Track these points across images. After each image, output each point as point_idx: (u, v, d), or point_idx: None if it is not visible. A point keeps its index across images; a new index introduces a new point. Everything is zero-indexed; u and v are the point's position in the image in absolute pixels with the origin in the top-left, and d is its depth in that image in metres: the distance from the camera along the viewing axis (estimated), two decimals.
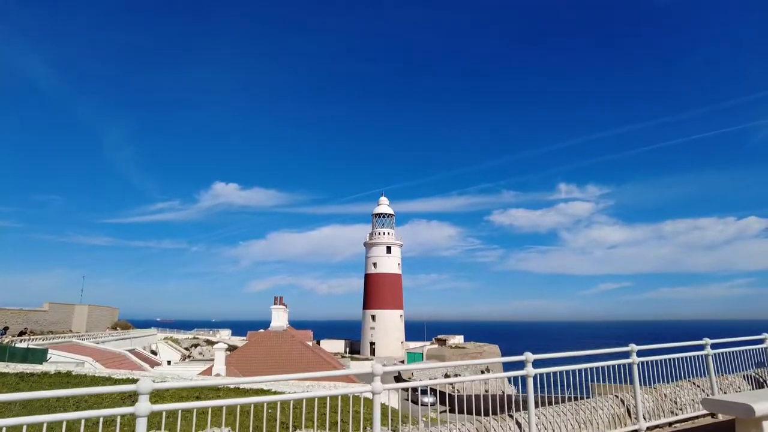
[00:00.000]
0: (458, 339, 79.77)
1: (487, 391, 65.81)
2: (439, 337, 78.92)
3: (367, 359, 69.71)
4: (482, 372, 65.98)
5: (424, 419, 31.40)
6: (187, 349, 65.84)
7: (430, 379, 55.28)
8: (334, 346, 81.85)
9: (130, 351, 39.79)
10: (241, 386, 19.97)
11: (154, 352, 56.01)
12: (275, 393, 19.43)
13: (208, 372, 27.50)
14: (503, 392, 61.69)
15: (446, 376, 61.39)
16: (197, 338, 72.20)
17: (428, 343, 76.81)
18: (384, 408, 18.68)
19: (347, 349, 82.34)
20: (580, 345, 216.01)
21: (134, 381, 4.97)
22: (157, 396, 16.27)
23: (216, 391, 18.09)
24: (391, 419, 18.13)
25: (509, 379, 71.84)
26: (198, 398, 16.34)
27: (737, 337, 10.66)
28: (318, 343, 76.32)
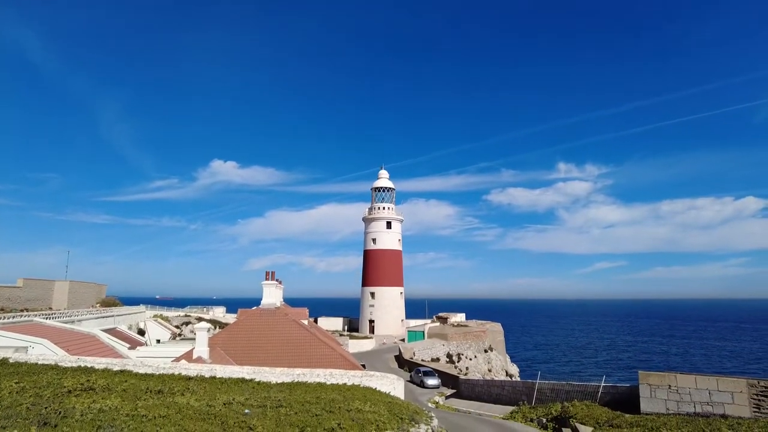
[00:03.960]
0: (460, 317, 77.37)
1: (490, 370, 63.65)
2: (440, 315, 76.50)
3: (366, 337, 67.24)
4: (485, 351, 63.60)
5: (432, 404, 28.11)
6: (177, 327, 63.13)
7: (431, 359, 52.45)
8: (332, 323, 79.50)
9: (109, 330, 36.81)
10: (218, 375, 16.91)
11: (141, 331, 53.17)
12: (258, 384, 16.35)
13: (189, 355, 24.46)
14: (511, 376, 58.59)
15: (449, 356, 58.99)
16: (189, 316, 69.50)
17: (429, 321, 74.39)
18: (391, 404, 15.59)
19: (345, 327, 79.99)
20: (573, 323, 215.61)
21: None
22: (107, 390, 13.14)
23: (185, 381, 15.10)
24: (401, 418, 15.12)
25: (511, 358, 68.21)
26: (160, 392, 13.25)
27: (730, 316, 7.58)
28: (315, 320, 73.71)
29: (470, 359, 58.50)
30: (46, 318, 33.97)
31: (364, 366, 31.69)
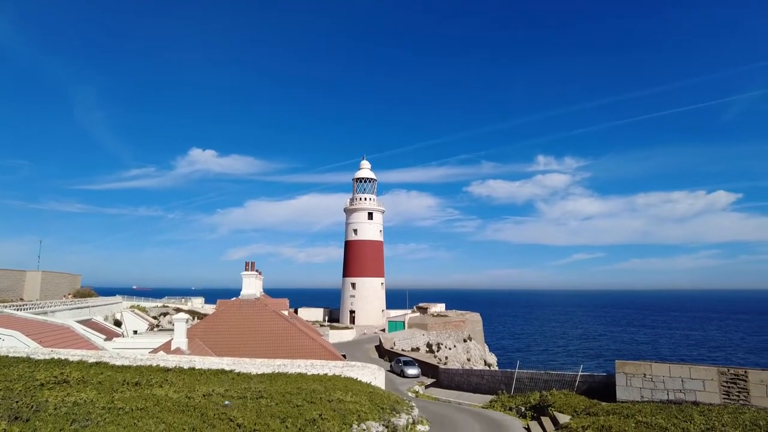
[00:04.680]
0: (440, 307, 77.93)
1: (469, 359, 64.42)
2: (420, 305, 76.94)
3: (347, 328, 67.28)
4: (464, 341, 64.28)
5: (412, 394, 28.31)
6: (155, 317, 62.20)
7: (411, 349, 52.63)
8: (313, 314, 79.31)
9: (84, 322, 36.03)
10: (197, 366, 16.69)
11: (118, 322, 52.23)
12: (238, 375, 16.20)
13: (167, 346, 24.09)
14: (490, 366, 59.23)
15: (429, 345, 59.47)
16: (167, 306, 68.50)
17: (410, 311, 74.74)
18: (372, 394, 15.61)
19: (326, 318, 79.90)
20: (551, 313, 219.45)
21: None
22: (82, 382, 12.83)
23: (164, 373, 14.85)
24: (382, 408, 15.16)
25: (489, 347, 69.01)
26: (137, 384, 13.00)
27: (702, 307, 7.88)
28: (296, 311, 73.42)
29: (450, 349, 59.08)
30: (17, 309, 33.06)
31: (344, 356, 31.71)
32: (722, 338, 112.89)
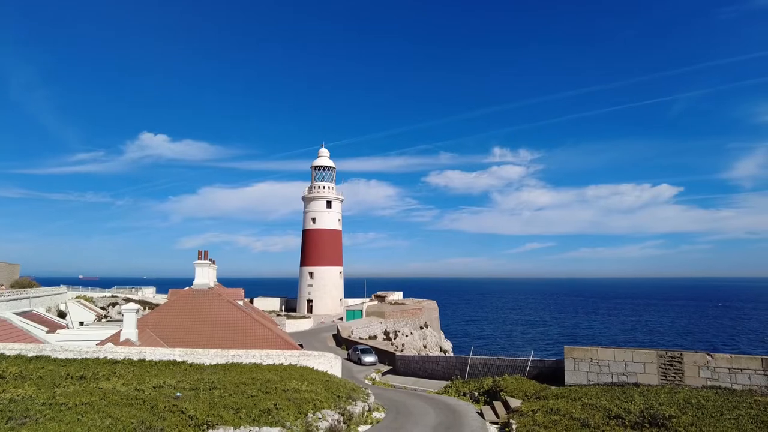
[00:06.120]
0: (397, 295, 78.73)
1: (425, 346, 65.52)
2: (378, 293, 77.46)
3: (304, 317, 66.94)
4: (421, 328, 65.27)
5: (369, 381, 28.48)
6: (103, 308, 59.76)
7: (369, 337, 52.91)
8: (269, 304, 78.41)
9: (24, 314, 34.17)
10: (148, 358, 16.17)
11: (62, 314, 49.85)
12: (191, 366, 15.81)
13: (115, 338, 23.20)
14: (445, 352, 60.35)
15: (386, 333, 60.02)
16: (116, 296, 65.92)
17: (368, 300, 75.11)
18: (328, 383, 15.59)
19: (283, 307, 79.18)
20: (504, 300, 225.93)
21: None
22: (20, 378, 12.16)
23: (111, 366, 14.29)
24: (338, 396, 15.18)
25: (445, 334, 70.34)
26: (82, 377, 12.45)
27: (645, 294, 8.54)
28: (251, 301, 72.33)
29: (406, 336, 59.85)
30: None
31: (301, 345, 31.53)
32: (662, 323, 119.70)
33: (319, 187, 77.42)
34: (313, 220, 76.64)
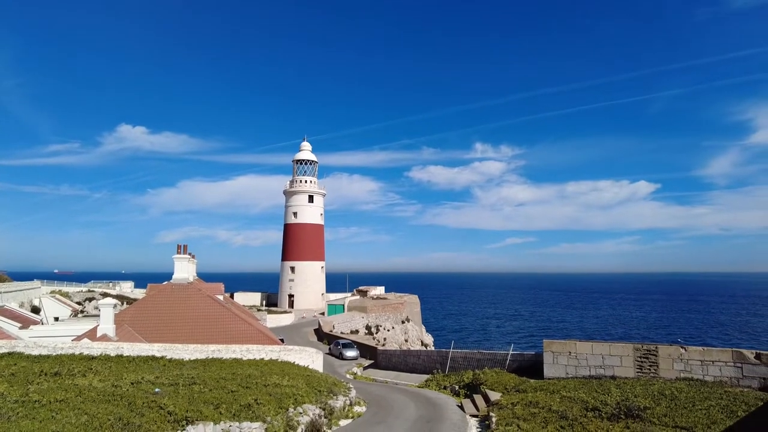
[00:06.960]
0: (379, 290, 78.83)
1: (407, 340, 65.84)
2: (360, 288, 77.44)
3: (285, 312, 66.58)
4: (402, 323, 65.54)
5: (350, 375, 28.54)
6: (80, 303, 58.61)
7: (351, 332, 52.93)
8: (250, 298, 77.79)
9: None
10: (125, 353, 15.91)
11: (36, 309, 48.74)
12: (170, 361, 15.61)
13: (92, 333, 22.77)
14: (426, 346, 60.64)
15: (368, 328, 60.12)
16: (93, 291, 64.69)
17: (350, 294, 75.06)
18: (309, 378, 15.56)
19: (264, 302, 78.65)
20: (484, 294, 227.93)
21: None
22: None
23: (88, 361, 14.02)
24: (319, 390, 15.16)
25: (426, 328, 70.74)
26: (57, 374, 12.19)
27: (623, 289, 8.81)
28: (231, 296, 71.68)
29: (388, 330, 60.03)
30: None
31: (282, 340, 31.40)
32: (638, 317, 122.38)
33: (301, 181, 76.89)
34: (295, 214, 76.14)
